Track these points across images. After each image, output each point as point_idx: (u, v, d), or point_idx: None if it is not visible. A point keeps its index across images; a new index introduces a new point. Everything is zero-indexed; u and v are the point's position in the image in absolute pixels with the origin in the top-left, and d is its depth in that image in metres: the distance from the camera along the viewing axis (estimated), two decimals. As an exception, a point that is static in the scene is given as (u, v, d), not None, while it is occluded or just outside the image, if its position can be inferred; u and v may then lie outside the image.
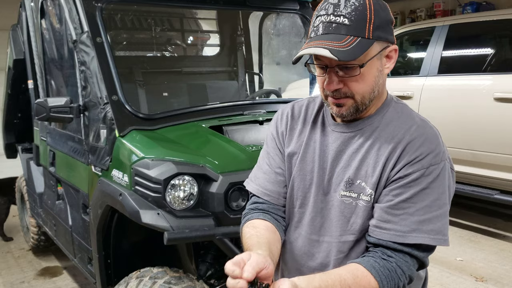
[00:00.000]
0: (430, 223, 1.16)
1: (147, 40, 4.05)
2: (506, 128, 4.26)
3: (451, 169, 1.26)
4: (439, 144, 1.23)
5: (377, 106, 1.26)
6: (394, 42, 1.21)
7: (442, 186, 1.19)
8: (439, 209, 1.18)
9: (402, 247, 1.15)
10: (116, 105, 2.46)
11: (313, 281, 1.08)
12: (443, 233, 1.17)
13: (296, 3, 3.55)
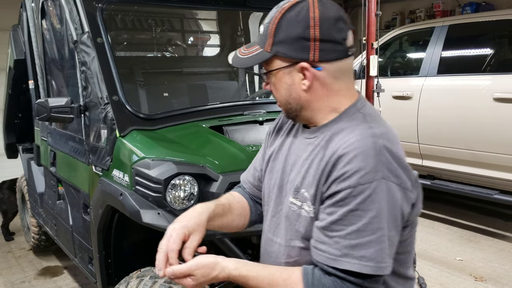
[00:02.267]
0: (362, 248, 1.04)
1: (147, 40, 4.06)
2: (506, 128, 4.27)
3: (401, 188, 1.07)
4: (376, 162, 1.05)
5: (328, 115, 1.21)
6: (305, 59, 1.14)
7: (376, 209, 1.03)
8: (372, 234, 1.04)
9: (335, 271, 1.06)
10: (117, 105, 2.46)
11: (243, 267, 1.13)
12: (377, 260, 1.04)
13: (296, 3, 3.55)
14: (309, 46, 1.12)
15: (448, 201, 5.80)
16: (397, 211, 1.07)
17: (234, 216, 1.43)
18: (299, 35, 1.12)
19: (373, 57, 4.25)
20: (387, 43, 5.76)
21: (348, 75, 1.23)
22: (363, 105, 1.22)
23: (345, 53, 1.17)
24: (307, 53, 1.13)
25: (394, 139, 1.12)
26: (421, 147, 5.03)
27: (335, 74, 1.18)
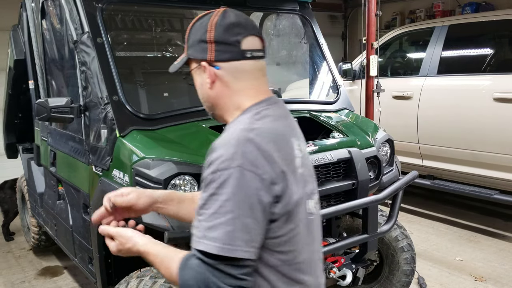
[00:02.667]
0: (214, 230, 1.11)
1: (147, 40, 4.06)
2: (506, 128, 4.27)
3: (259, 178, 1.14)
4: (235, 151, 1.14)
5: (233, 114, 1.32)
6: (205, 59, 1.28)
7: (227, 193, 1.11)
8: (223, 217, 1.11)
9: (197, 253, 1.12)
10: (117, 105, 2.46)
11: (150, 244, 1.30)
12: (224, 241, 1.10)
13: (296, 3, 3.56)
14: (207, 48, 1.27)
15: (448, 201, 5.80)
16: (253, 199, 1.12)
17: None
18: (200, 39, 1.28)
19: (373, 57, 4.26)
20: (387, 43, 5.76)
21: (252, 76, 1.31)
22: (268, 106, 1.30)
23: (241, 54, 1.27)
24: (206, 53, 1.27)
25: (269, 136, 1.19)
26: (421, 147, 5.03)
27: (234, 74, 1.28)
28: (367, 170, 2.69)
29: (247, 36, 1.28)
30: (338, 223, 2.87)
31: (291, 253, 1.23)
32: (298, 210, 1.22)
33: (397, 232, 3.16)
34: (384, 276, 3.23)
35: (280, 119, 1.30)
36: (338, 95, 3.42)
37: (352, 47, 10.96)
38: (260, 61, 1.32)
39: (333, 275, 2.56)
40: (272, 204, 1.16)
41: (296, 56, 4.31)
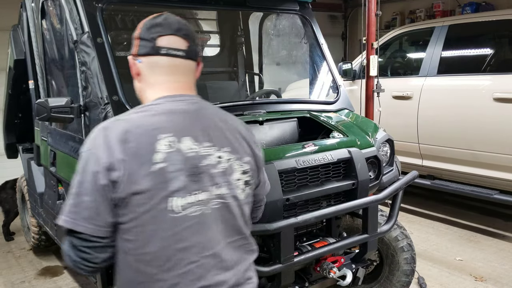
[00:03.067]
0: (65, 206, 1.31)
1: (147, 40, 4.05)
2: (506, 128, 4.27)
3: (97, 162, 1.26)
4: (90, 138, 1.32)
5: None
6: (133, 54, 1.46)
7: (77, 173, 1.30)
8: (71, 194, 1.30)
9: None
10: (117, 105, 2.46)
11: None
12: (69, 215, 1.28)
13: (296, 3, 3.56)
14: (134, 44, 1.45)
15: (448, 201, 5.80)
16: (91, 180, 1.25)
17: None
18: (133, 36, 1.47)
19: (373, 57, 4.26)
20: (387, 43, 5.76)
21: (165, 72, 1.42)
22: (164, 101, 1.40)
23: (155, 50, 1.40)
24: (133, 48, 1.45)
25: (125, 127, 1.29)
26: (421, 147, 5.03)
27: (151, 68, 1.42)
28: (367, 170, 2.69)
29: (166, 35, 1.41)
30: (338, 223, 2.87)
31: (136, 243, 1.28)
32: (145, 202, 1.25)
33: (397, 232, 3.16)
34: (384, 276, 3.23)
35: (163, 115, 1.35)
36: (338, 95, 3.42)
37: (352, 47, 10.96)
38: (177, 59, 1.41)
39: (333, 275, 2.56)
40: (110, 188, 1.25)
41: (296, 56, 4.31)
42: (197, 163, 1.34)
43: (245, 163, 1.44)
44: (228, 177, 1.39)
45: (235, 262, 1.40)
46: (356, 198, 2.64)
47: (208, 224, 1.34)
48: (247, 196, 1.46)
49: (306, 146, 2.59)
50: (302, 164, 2.44)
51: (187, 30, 1.45)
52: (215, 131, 1.41)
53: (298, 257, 2.39)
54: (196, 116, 1.40)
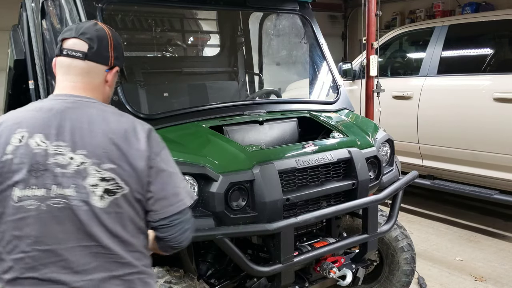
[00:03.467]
0: None
1: (147, 40, 4.06)
2: (506, 128, 4.27)
3: None
4: None
5: None
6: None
7: None
8: None
9: None
10: (117, 105, 2.45)
11: None
12: None
13: (296, 3, 3.56)
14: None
15: (448, 201, 5.80)
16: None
17: None
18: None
19: (373, 57, 4.26)
20: (387, 43, 5.76)
21: (62, 72, 1.53)
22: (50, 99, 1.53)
23: (59, 51, 1.53)
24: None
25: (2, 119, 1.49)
26: (421, 147, 5.03)
27: (57, 67, 1.55)
28: (367, 170, 2.69)
29: (70, 38, 1.52)
30: (338, 223, 2.87)
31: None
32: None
33: (397, 232, 3.16)
34: (384, 276, 3.23)
35: (31, 111, 1.47)
36: (338, 95, 3.42)
37: (352, 47, 10.97)
38: (76, 60, 1.51)
39: (333, 275, 2.56)
40: None
41: (296, 56, 4.31)
42: (42, 160, 1.38)
43: (105, 170, 1.39)
44: (80, 180, 1.38)
45: (88, 269, 1.39)
46: (356, 198, 2.64)
47: (45, 220, 1.37)
48: (110, 205, 1.40)
49: (306, 146, 2.59)
50: (302, 164, 2.44)
51: (93, 35, 1.53)
52: (75, 132, 1.41)
53: (298, 257, 2.39)
54: (59, 115, 1.43)
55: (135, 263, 1.47)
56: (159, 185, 1.47)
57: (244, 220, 2.25)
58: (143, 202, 1.47)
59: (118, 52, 1.59)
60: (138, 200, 1.45)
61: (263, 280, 2.49)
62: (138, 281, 1.48)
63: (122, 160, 1.42)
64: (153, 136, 1.55)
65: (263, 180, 2.25)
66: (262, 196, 2.24)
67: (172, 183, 1.51)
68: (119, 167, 1.41)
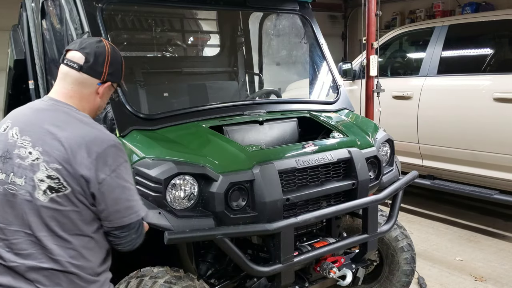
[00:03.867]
0: None
1: (147, 40, 4.06)
2: (506, 128, 4.27)
3: None
4: None
5: None
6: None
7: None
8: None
9: None
10: (117, 105, 2.46)
11: None
12: None
13: (296, 3, 3.56)
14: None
15: (448, 201, 5.80)
16: None
17: None
18: None
19: (373, 57, 4.26)
20: (387, 43, 5.76)
21: (60, 78, 1.75)
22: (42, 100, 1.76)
23: (62, 60, 1.74)
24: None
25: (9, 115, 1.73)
26: (421, 147, 5.03)
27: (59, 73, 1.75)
28: (367, 170, 2.69)
29: (72, 50, 1.73)
30: (338, 223, 2.87)
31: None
32: None
33: (397, 232, 3.16)
34: (384, 276, 3.23)
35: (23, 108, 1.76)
36: (338, 95, 3.42)
37: (352, 47, 10.97)
38: (72, 70, 1.71)
39: (333, 275, 2.56)
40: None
41: (296, 56, 4.31)
42: (11, 149, 1.61)
43: (52, 169, 1.56)
44: (31, 173, 1.57)
45: (23, 254, 1.57)
46: (356, 198, 2.64)
47: (2, 201, 1.60)
48: (51, 201, 1.56)
49: (306, 146, 2.59)
50: (302, 164, 2.44)
51: (92, 50, 1.71)
52: (38, 130, 1.61)
53: (298, 257, 2.39)
54: (34, 115, 1.67)
55: (66, 262, 1.58)
56: (112, 199, 1.61)
57: (244, 220, 2.25)
58: (89, 207, 1.61)
59: (113, 69, 1.76)
60: (82, 203, 1.58)
61: (263, 280, 2.49)
62: (65, 279, 1.58)
63: (68, 163, 1.56)
64: (110, 152, 1.63)
65: (263, 180, 2.25)
66: (262, 196, 2.24)
67: (125, 197, 1.65)
68: (64, 169, 1.56)
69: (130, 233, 1.70)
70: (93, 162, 1.58)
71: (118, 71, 1.80)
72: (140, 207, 1.71)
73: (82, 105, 1.73)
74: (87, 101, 1.74)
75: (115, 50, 1.79)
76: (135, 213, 1.68)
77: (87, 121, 1.69)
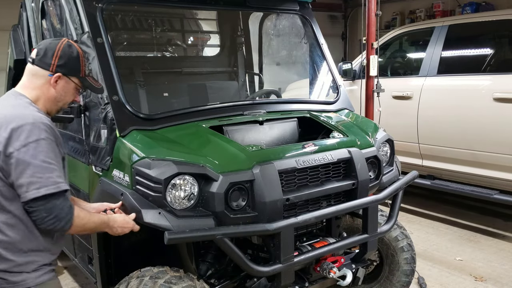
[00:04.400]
0: None
1: (147, 40, 4.06)
2: (506, 128, 4.27)
3: None
4: None
5: None
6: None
7: None
8: None
9: None
10: (117, 105, 2.47)
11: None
12: None
13: (296, 3, 3.56)
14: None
15: (448, 201, 5.80)
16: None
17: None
18: None
19: (373, 57, 4.26)
20: (387, 43, 5.76)
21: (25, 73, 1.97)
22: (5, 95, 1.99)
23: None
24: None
25: None
26: (421, 147, 5.03)
27: None
28: (367, 170, 2.69)
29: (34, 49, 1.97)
30: (338, 223, 2.87)
31: None
32: None
33: (397, 232, 3.16)
34: (384, 276, 3.23)
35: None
36: (338, 95, 3.42)
37: (352, 47, 10.97)
38: (29, 64, 1.95)
39: (333, 275, 2.56)
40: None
41: (296, 56, 4.31)
42: None
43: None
44: None
45: None
46: (356, 198, 2.64)
47: None
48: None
49: (306, 146, 2.59)
50: (302, 164, 2.44)
51: (44, 46, 1.94)
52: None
53: (298, 257, 2.39)
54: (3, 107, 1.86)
55: None
56: (16, 173, 1.72)
57: (244, 220, 2.25)
58: (4, 181, 1.74)
59: (63, 62, 1.93)
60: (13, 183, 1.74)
61: (263, 280, 2.49)
62: None
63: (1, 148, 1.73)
64: (25, 129, 1.75)
65: (263, 180, 2.25)
66: (262, 196, 2.24)
67: (29, 173, 1.72)
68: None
69: (38, 210, 1.74)
70: (6, 137, 1.72)
71: (71, 64, 1.95)
72: (44, 185, 1.73)
73: (35, 94, 1.91)
74: (41, 92, 1.92)
75: (71, 46, 1.97)
76: (36, 190, 1.72)
77: (20, 104, 1.85)
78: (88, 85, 2.04)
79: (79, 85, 2.01)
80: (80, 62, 1.99)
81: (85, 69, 2.01)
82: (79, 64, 1.98)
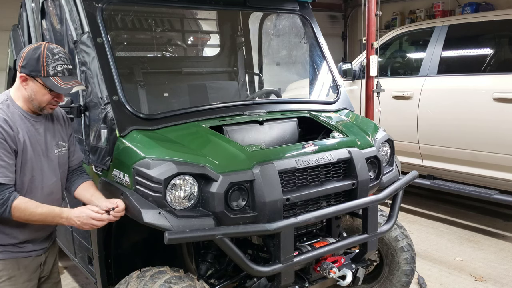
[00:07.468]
0: None
1: (147, 40, 4.06)
2: (506, 128, 4.27)
3: None
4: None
5: None
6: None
7: None
8: None
9: None
10: (117, 105, 2.47)
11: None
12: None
13: (296, 3, 3.56)
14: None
15: (448, 201, 5.81)
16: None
17: None
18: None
19: (373, 57, 4.26)
20: (387, 43, 5.76)
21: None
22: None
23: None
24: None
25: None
26: (421, 147, 5.03)
27: None
28: (367, 170, 2.69)
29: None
30: (338, 223, 2.87)
31: None
32: None
33: (397, 232, 3.16)
34: (384, 276, 3.23)
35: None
36: (338, 95, 3.42)
37: (352, 47, 10.98)
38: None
39: (333, 275, 2.56)
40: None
41: (296, 56, 4.31)
42: None
43: None
44: None
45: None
46: (356, 198, 2.64)
47: None
48: None
49: (306, 146, 2.59)
50: (302, 164, 2.44)
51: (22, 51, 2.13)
52: None
53: (298, 257, 2.39)
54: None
55: None
56: None
57: (244, 220, 2.25)
58: None
59: (25, 63, 2.09)
60: None
61: (263, 280, 2.49)
62: None
63: None
64: None
65: (263, 180, 2.25)
66: (262, 196, 2.24)
67: None
68: None
69: None
70: None
71: (31, 65, 2.08)
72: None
73: (15, 94, 2.16)
74: (20, 92, 2.14)
75: (37, 48, 2.11)
76: None
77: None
78: (51, 85, 2.10)
79: (44, 85, 2.11)
80: (41, 63, 2.09)
81: (47, 70, 2.10)
82: (39, 64, 2.09)
